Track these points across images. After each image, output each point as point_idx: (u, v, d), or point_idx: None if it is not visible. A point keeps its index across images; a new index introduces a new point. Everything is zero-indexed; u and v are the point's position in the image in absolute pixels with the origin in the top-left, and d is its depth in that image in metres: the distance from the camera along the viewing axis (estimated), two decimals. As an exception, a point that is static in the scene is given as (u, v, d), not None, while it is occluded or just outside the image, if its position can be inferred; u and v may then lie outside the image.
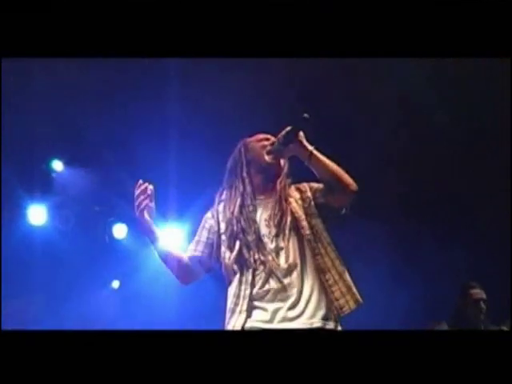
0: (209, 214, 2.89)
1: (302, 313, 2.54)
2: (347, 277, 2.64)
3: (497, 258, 6.06)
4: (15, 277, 6.29)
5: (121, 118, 5.62)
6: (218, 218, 2.81)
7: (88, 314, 6.52)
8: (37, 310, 6.58)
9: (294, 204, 2.76)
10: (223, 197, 2.87)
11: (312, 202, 2.77)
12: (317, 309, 2.56)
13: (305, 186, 2.86)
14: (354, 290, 2.62)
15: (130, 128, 5.69)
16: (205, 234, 2.86)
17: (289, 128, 2.67)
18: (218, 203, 2.87)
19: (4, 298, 6.43)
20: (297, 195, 2.81)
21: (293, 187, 2.86)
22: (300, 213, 2.71)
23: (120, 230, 6.84)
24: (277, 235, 2.66)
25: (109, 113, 5.56)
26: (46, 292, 6.55)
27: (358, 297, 2.61)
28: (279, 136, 2.71)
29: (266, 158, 2.79)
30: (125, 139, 5.78)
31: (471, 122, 5.73)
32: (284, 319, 2.53)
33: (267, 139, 2.85)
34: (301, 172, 2.83)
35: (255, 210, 2.74)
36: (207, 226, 2.87)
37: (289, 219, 2.69)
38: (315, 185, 2.82)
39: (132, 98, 5.45)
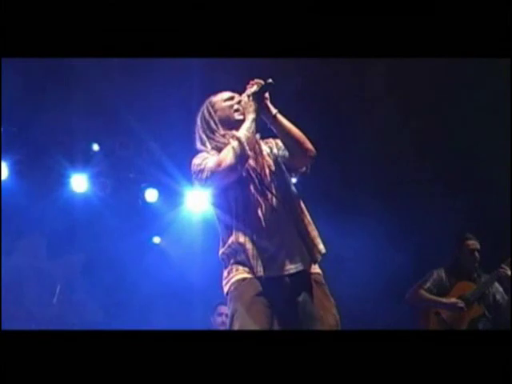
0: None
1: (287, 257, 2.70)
2: (313, 229, 2.80)
3: (493, 210, 6.21)
4: (60, 238, 7.06)
5: (148, 94, 5.83)
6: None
7: (124, 266, 7.08)
8: (80, 267, 7.28)
9: (267, 158, 2.88)
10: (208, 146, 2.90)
11: (278, 158, 2.90)
12: (297, 255, 2.71)
13: (271, 141, 2.98)
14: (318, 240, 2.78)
15: (157, 102, 5.91)
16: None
17: (256, 88, 2.80)
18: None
19: (50, 258, 7.16)
20: (267, 149, 2.93)
21: (262, 142, 2.94)
22: (274, 167, 2.86)
23: (151, 195, 7.18)
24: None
25: (137, 90, 5.76)
26: (88, 251, 7.22)
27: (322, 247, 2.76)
28: (246, 94, 2.81)
29: (235, 115, 2.89)
30: (153, 113, 6.04)
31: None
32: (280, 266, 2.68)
33: (232, 98, 2.95)
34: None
35: None
36: None
37: (267, 171, 2.81)
38: (279, 142, 2.94)
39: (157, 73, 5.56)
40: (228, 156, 2.65)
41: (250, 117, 2.77)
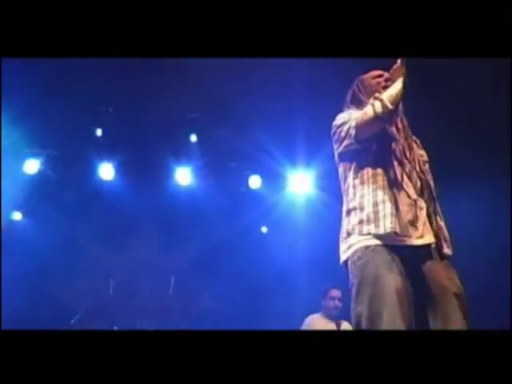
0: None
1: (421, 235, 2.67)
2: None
3: None
4: (169, 231, 7.35)
5: (252, 80, 5.73)
6: None
7: (232, 254, 7.28)
8: (190, 257, 7.52)
9: (415, 150, 2.86)
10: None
11: (426, 165, 2.87)
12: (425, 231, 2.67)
13: (420, 145, 2.94)
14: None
15: (261, 88, 5.81)
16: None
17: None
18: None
19: (161, 251, 7.43)
20: (416, 148, 2.89)
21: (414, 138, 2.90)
22: (420, 159, 2.84)
23: (255, 181, 7.22)
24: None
25: (243, 76, 5.68)
26: (196, 241, 7.44)
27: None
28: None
29: (383, 92, 2.78)
30: (256, 98, 5.94)
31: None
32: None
33: (381, 75, 2.90)
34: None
35: None
36: None
37: (416, 159, 2.80)
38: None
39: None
40: (374, 107, 2.65)
41: (400, 79, 2.72)
